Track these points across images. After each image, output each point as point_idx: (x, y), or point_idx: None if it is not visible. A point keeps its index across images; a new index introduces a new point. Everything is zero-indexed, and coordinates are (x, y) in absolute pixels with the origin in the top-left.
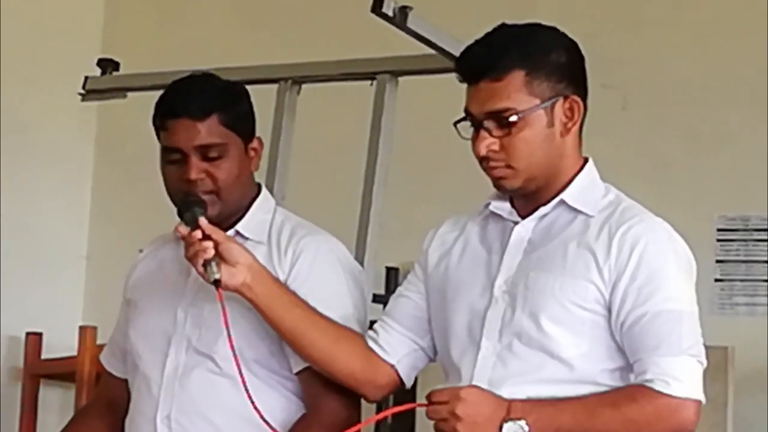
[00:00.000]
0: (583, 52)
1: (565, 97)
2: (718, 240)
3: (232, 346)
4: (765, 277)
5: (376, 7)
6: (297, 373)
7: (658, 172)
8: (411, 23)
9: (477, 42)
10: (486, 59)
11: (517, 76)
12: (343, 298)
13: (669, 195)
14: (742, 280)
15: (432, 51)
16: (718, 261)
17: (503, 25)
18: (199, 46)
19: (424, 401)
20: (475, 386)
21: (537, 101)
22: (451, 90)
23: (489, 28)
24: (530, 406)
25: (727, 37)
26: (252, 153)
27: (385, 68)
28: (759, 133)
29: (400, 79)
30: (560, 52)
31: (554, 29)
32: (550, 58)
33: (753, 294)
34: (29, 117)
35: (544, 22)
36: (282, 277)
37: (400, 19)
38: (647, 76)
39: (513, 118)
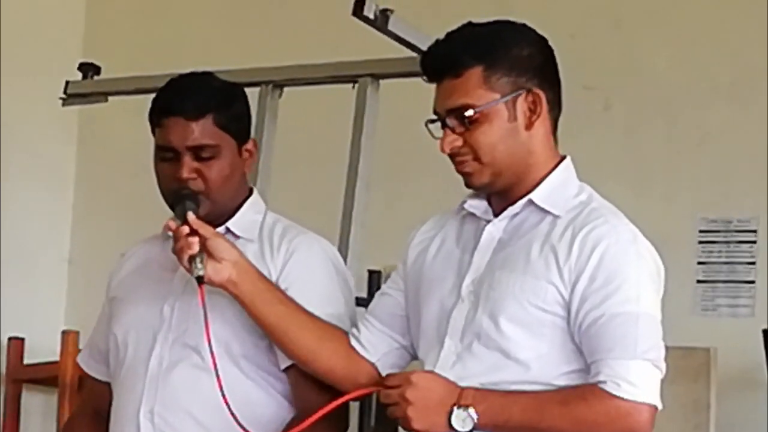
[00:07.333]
0: (564, 53)
1: (528, 91)
2: (700, 242)
3: (210, 345)
4: (747, 279)
5: (358, 10)
6: (284, 370)
7: (640, 173)
8: (392, 26)
9: (438, 41)
10: (445, 57)
11: (475, 73)
12: (336, 297)
13: (651, 196)
14: (724, 282)
15: (413, 53)
16: (699, 263)
17: (467, 24)
18: (181, 50)
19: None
20: (429, 371)
21: (496, 96)
22: (434, 92)
23: None
24: (482, 395)
25: (708, 38)
26: (246, 154)
27: (366, 71)
28: (741, 135)
29: (381, 81)
30: (522, 45)
31: (522, 25)
32: (510, 52)
33: (735, 296)
34: (10, 121)
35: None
36: (273, 274)
37: (381, 21)
38: (629, 76)
39: (469, 113)
